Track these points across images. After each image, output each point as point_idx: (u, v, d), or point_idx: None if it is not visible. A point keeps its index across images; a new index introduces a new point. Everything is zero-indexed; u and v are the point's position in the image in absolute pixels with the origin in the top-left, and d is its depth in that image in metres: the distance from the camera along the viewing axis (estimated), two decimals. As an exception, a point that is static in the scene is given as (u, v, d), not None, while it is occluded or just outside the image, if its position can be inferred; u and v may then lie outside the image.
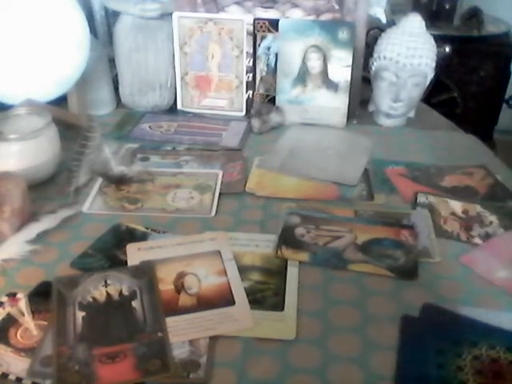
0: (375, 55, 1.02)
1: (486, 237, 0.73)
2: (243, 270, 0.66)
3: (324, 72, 1.01)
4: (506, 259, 0.68)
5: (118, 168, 0.84)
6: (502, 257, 0.69)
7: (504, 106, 2.08)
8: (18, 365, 0.53)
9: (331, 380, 0.53)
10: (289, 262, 0.67)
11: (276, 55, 1.04)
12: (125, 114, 1.09)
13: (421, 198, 0.80)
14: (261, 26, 1.03)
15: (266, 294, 0.63)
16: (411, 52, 0.97)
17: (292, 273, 0.66)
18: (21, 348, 0.55)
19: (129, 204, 0.79)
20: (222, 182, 0.84)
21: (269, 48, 1.05)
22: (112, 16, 1.14)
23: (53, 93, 0.96)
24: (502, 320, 0.59)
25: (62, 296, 0.61)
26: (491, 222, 0.76)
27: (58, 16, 0.91)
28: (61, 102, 0.99)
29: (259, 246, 0.70)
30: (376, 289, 0.64)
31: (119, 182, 0.83)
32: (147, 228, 0.73)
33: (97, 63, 1.03)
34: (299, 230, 0.72)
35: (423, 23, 0.99)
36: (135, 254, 0.68)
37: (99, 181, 0.84)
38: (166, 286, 0.63)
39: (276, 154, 0.93)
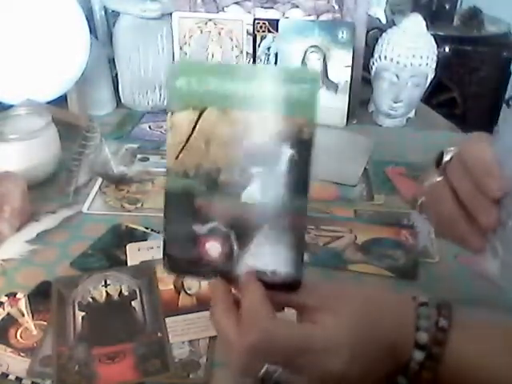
0: (375, 55, 1.02)
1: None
2: (243, 270, 0.66)
3: (324, 72, 1.01)
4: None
5: (118, 168, 0.84)
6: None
7: (504, 106, 2.08)
8: (17, 365, 0.53)
9: (331, 380, 0.53)
10: (289, 262, 0.67)
11: (276, 55, 1.04)
12: (125, 114, 1.08)
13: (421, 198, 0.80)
14: (261, 27, 1.03)
15: (266, 294, 0.62)
16: (411, 52, 0.97)
17: (292, 273, 0.66)
18: (21, 348, 0.55)
19: (129, 204, 0.79)
20: (221, 182, 0.84)
21: (269, 48, 1.04)
22: (112, 16, 1.14)
23: (53, 93, 0.96)
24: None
25: (62, 296, 0.61)
26: (491, 222, 0.75)
27: (58, 16, 0.91)
28: (61, 102, 0.99)
29: (259, 246, 0.70)
30: (376, 289, 0.64)
31: (119, 182, 0.83)
32: (147, 228, 0.73)
33: (97, 63, 1.03)
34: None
35: (423, 23, 0.98)
36: (135, 254, 0.68)
37: (99, 181, 0.84)
38: (165, 286, 0.63)
39: (276, 154, 0.93)
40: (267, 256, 0.38)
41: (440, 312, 0.41)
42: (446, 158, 0.44)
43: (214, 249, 0.39)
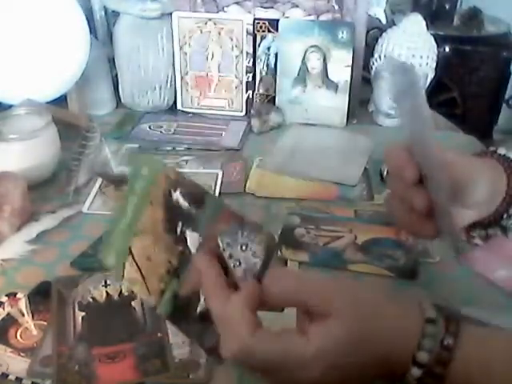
0: (375, 55, 1.02)
1: (487, 237, 0.73)
2: (243, 270, 0.66)
3: (324, 72, 1.01)
4: (506, 259, 0.68)
5: (117, 168, 0.84)
6: (501, 256, 0.69)
7: (504, 106, 2.08)
8: (17, 365, 0.53)
9: (331, 380, 0.53)
10: (289, 263, 0.67)
11: (276, 55, 1.04)
12: (125, 114, 1.08)
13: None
14: (261, 26, 1.03)
15: (266, 294, 0.63)
16: (411, 52, 0.97)
17: (292, 273, 0.66)
18: (21, 348, 0.55)
19: (129, 204, 0.79)
20: (221, 182, 0.84)
21: (269, 48, 1.05)
22: (112, 16, 1.14)
23: (53, 93, 0.96)
24: (502, 320, 0.59)
25: (62, 296, 0.61)
26: (491, 222, 0.75)
27: (58, 16, 0.91)
28: (61, 102, 0.99)
29: (259, 246, 0.70)
30: (376, 289, 0.64)
31: (119, 182, 0.83)
32: (147, 228, 0.73)
33: (97, 63, 1.03)
34: (299, 231, 0.72)
35: (423, 23, 0.99)
36: (135, 254, 0.68)
37: (99, 181, 0.84)
38: (165, 286, 0.63)
39: (276, 154, 0.93)
40: (241, 252, 0.43)
41: (447, 328, 0.39)
42: (385, 172, 0.50)
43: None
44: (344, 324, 0.39)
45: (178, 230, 0.43)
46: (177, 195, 0.43)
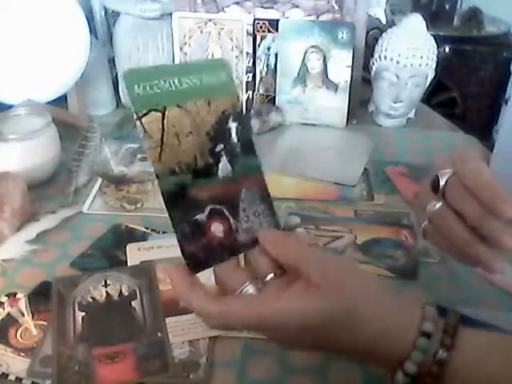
0: (375, 55, 1.02)
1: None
2: (243, 270, 0.66)
3: (324, 72, 1.01)
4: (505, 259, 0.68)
5: (118, 168, 0.84)
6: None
7: (504, 105, 2.08)
8: (17, 365, 0.53)
9: (331, 380, 0.53)
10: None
11: (276, 55, 1.04)
12: (125, 114, 1.08)
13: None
14: (261, 27, 1.03)
15: (266, 294, 0.63)
16: (411, 52, 0.97)
17: (292, 273, 0.66)
18: (21, 348, 0.55)
19: (129, 204, 0.79)
20: (221, 182, 0.84)
21: (269, 48, 1.05)
22: (112, 16, 1.14)
23: (53, 93, 0.96)
24: (502, 320, 0.59)
25: (62, 296, 0.61)
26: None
27: (58, 16, 0.91)
28: (61, 102, 0.99)
29: (259, 246, 0.70)
30: (376, 289, 0.64)
31: (119, 182, 0.83)
32: (147, 228, 0.73)
33: (97, 63, 1.03)
34: (299, 231, 0.72)
35: (424, 23, 0.99)
36: (135, 254, 0.68)
37: (99, 181, 0.84)
38: (166, 286, 0.63)
39: (276, 154, 0.93)
40: (252, 215, 0.44)
41: (442, 342, 0.37)
42: (442, 182, 0.44)
43: (217, 229, 0.42)
44: (332, 296, 0.38)
45: (217, 149, 0.42)
46: (233, 126, 0.43)
